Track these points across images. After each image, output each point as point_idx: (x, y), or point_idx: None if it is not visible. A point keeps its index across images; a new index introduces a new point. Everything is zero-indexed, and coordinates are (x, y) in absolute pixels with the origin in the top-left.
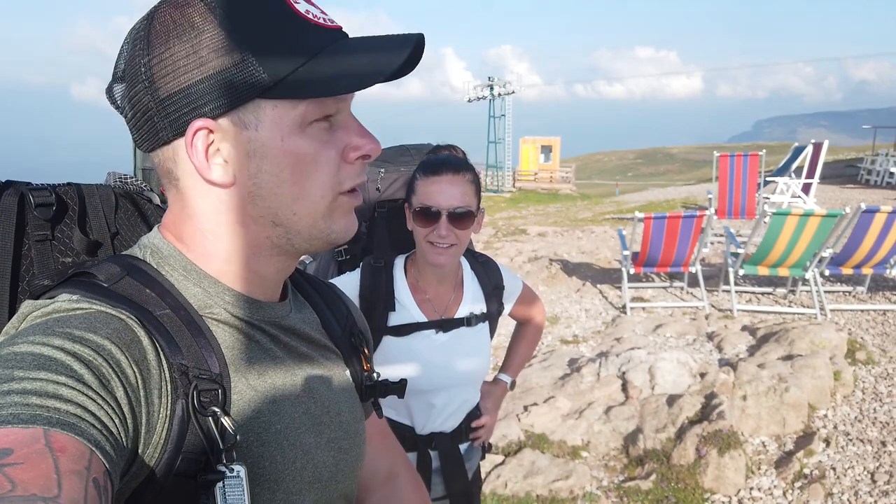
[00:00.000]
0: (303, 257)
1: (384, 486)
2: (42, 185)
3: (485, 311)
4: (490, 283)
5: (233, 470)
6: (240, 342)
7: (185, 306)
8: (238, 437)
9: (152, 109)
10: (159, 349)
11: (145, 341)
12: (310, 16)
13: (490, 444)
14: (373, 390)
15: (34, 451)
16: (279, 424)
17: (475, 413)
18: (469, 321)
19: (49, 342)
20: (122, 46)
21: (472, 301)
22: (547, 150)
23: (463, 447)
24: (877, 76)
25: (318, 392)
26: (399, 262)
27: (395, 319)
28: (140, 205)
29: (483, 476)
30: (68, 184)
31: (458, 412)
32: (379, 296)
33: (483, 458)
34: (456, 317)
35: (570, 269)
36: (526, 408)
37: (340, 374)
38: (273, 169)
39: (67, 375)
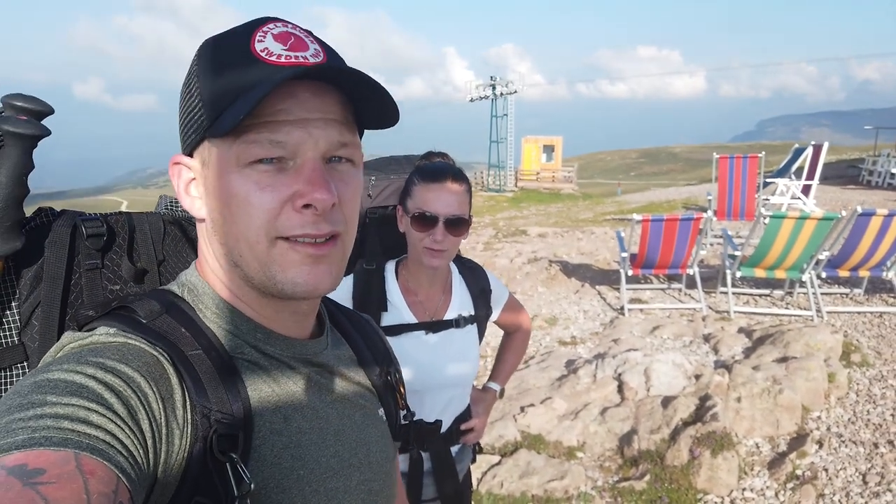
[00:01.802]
0: None
1: None
2: (94, 215)
3: (473, 313)
4: (477, 286)
5: None
6: (267, 384)
7: (217, 347)
8: (253, 485)
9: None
10: (185, 389)
11: (174, 379)
12: (263, 54)
13: (480, 447)
14: (406, 430)
15: (66, 472)
16: (302, 470)
17: (466, 415)
18: (458, 323)
19: (82, 370)
20: None
21: (461, 304)
22: (549, 149)
23: (454, 449)
24: (880, 76)
25: (347, 433)
26: (390, 265)
27: (386, 320)
28: (187, 231)
29: (479, 476)
30: (119, 213)
31: (449, 413)
32: (371, 298)
33: (474, 460)
34: (445, 318)
35: (569, 270)
36: (522, 408)
37: (373, 412)
38: (216, 206)
39: (98, 403)
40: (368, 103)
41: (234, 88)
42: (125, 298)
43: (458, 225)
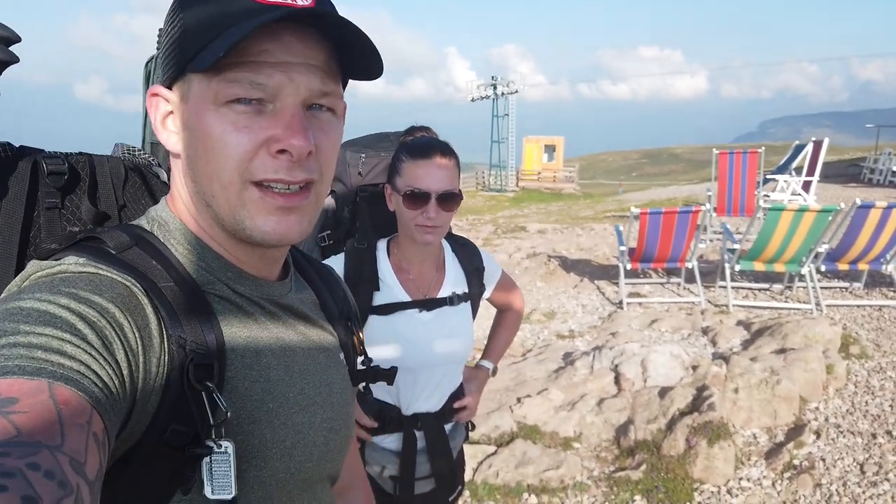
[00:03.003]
0: None
1: (340, 497)
2: (55, 153)
3: (466, 291)
4: (471, 264)
5: (220, 446)
6: (239, 319)
7: (189, 281)
8: (229, 413)
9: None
10: (160, 319)
11: (148, 309)
12: None
13: (473, 425)
14: (364, 375)
15: (38, 401)
16: (272, 403)
17: (459, 393)
18: (451, 300)
19: (55, 300)
20: None
21: (454, 281)
22: (550, 149)
23: (447, 427)
24: (882, 76)
25: (312, 372)
26: (381, 244)
27: (379, 299)
28: (148, 178)
29: (475, 466)
30: (80, 153)
31: (442, 391)
32: (363, 276)
33: (467, 438)
34: (439, 296)
35: (568, 265)
36: (519, 399)
37: (335, 355)
38: (192, 143)
39: (72, 333)
40: (353, 53)
41: (217, 22)
42: (92, 230)
43: (450, 200)
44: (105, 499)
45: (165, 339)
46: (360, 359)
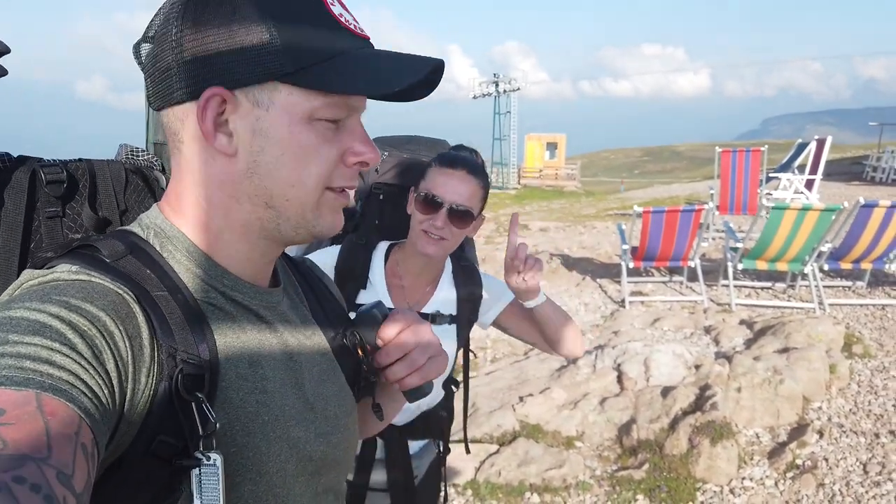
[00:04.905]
0: None
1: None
2: (53, 161)
3: (454, 314)
4: (466, 290)
5: (209, 458)
6: (233, 330)
7: (183, 290)
8: (218, 424)
9: (173, 68)
10: (152, 328)
11: (140, 318)
12: (342, 19)
13: (448, 448)
14: (370, 389)
15: (26, 412)
16: (267, 416)
17: (436, 412)
18: (434, 318)
19: (45, 309)
20: (160, 8)
21: (443, 301)
22: (552, 147)
23: (417, 445)
24: (886, 74)
25: (308, 384)
26: (382, 245)
27: (363, 298)
28: (150, 180)
29: (477, 465)
30: (79, 160)
31: (412, 408)
32: (352, 273)
33: (441, 461)
34: (422, 311)
35: (570, 263)
36: (521, 398)
37: (330, 367)
38: (274, 151)
39: (62, 343)
40: None
41: (325, 48)
42: (87, 238)
43: (463, 217)
44: None
45: (156, 349)
46: (367, 373)
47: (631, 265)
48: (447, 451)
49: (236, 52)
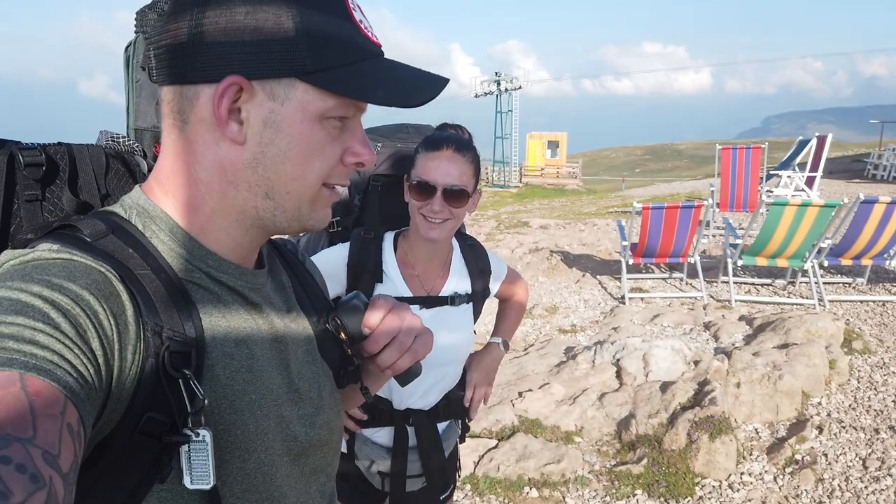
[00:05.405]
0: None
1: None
2: (32, 144)
3: (469, 292)
4: (477, 265)
5: (198, 434)
6: (218, 309)
7: (167, 269)
8: (206, 401)
9: (189, 48)
10: (136, 306)
11: (124, 296)
12: (362, 26)
13: (468, 426)
14: (355, 375)
15: (9, 393)
16: (254, 395)
17: (456, 392)
18: (453, 300)
19: (27, 288)
20: None
21: (458, 281)
22: (554, 145)
23: (441, 426)
24: (887, 72)
25: (293, 364)
26: (389, 236)
27: (380, 291)
28: (131, 166)
29: (475, 460)
30: (59, 143)
31: (437, 390)
32: (366, 267)
33: (462, 440)
34: (440, 295)
35: (570, 260)
36: (520, 394)
37: (312, 347)
38: (283, 145)
39: (44, 322)
40: None
41: (347, 53)
42: (67, 218)
43: (458, 196)
44: (81, 488)
45: (142, 327)
46: (350, 358)
47: (631, 262)
48: (468, 429)
49: (260, 44)
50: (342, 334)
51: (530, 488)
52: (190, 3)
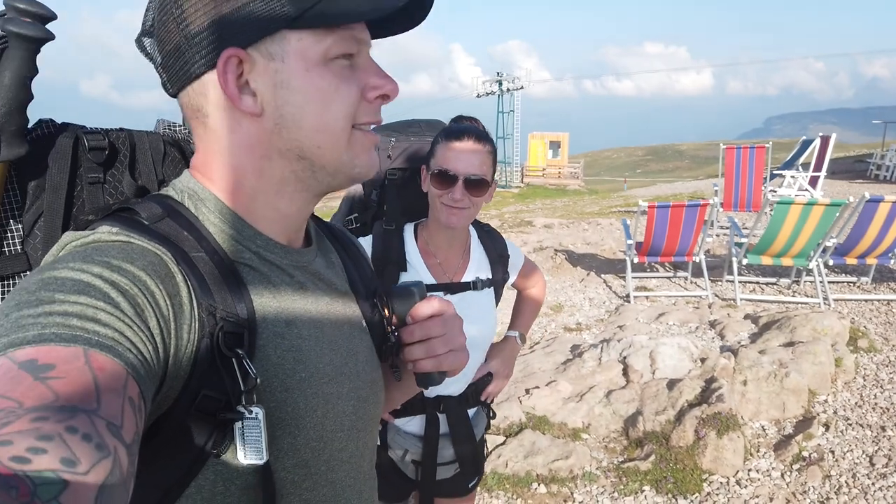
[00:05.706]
0: None
1: None
2: (96, 129)
3: (490, 277)
4: (495, 251)
5: (251, 412)
6: (268, 290)
7: (219, 251)
8: (259, 379)
9: (183, 45)
10: (191, 287)
11: (178, 277)
12: None
13: (494, 412)
14: (393, 349)
15: (75, 367)
16: (304, 373)
17: (483, 379)
18: (475, 285)
19: (88, 269)
20: (149, 2)
21: (479, 267)
22: (555, 145)
23: (470, 412)
24: (889, 73)
25: (339, 343)
26: (409, 227)
27: (405, 279)
28: (186, 153)
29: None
30: (120, 129)
31: (465, 376)
32: (390, 258)
33: (488, 426)
34: (463, 281)
35: (574, 259)
36: (527, 391)
37: (359, 325)
38: (297, 100)
39: (105, 301)
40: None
41: None
42: (126, 201)
43: (478, 186)
44: (141, 461)
45: (196, 307)
46: (391, 334)
47: (635, 260)
48: (494, 416)
49: (239, 10)
50: (386, 311)
51: (538, 484)
52: (169, 5)
